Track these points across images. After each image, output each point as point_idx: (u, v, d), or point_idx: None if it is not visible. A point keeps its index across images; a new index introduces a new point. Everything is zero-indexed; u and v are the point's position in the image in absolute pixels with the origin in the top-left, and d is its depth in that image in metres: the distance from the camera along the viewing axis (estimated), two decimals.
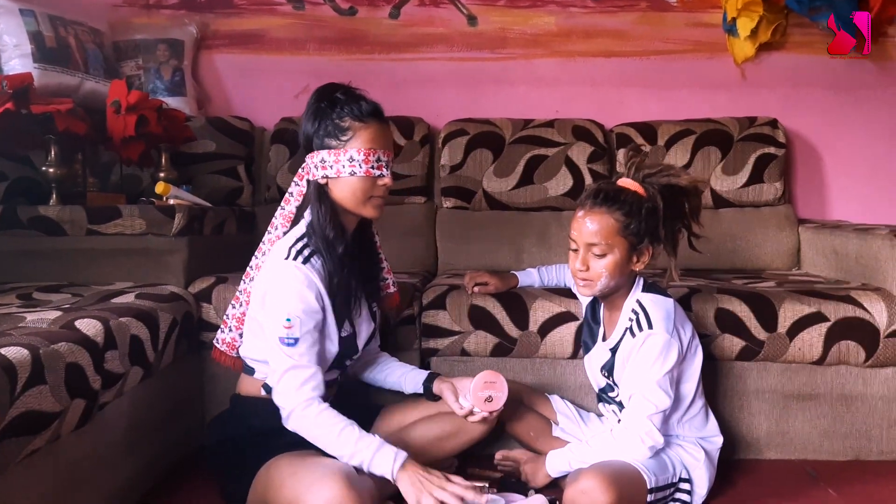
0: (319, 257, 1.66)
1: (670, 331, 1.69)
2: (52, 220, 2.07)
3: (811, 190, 3.14)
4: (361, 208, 1.69)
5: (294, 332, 1.58)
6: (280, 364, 1.59)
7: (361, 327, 1.79)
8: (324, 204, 1.67)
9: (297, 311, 1.59)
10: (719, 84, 3.12)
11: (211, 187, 2.81)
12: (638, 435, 1.67)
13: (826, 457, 2.11)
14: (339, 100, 1.66)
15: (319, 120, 1.66)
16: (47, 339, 1.40)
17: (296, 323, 1.59)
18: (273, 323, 1.60)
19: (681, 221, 1.77)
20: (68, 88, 2.37)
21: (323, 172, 1.66)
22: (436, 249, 2.88)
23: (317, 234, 1.66)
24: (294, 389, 1.58)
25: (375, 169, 1.65)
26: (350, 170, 1.64)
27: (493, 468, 1.96)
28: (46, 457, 1.40)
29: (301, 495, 1.48)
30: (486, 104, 3.12)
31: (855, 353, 2.05)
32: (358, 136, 1.64)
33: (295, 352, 1.59)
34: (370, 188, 1.67)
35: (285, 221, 1.76)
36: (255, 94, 3.15)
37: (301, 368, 1.59)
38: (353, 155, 1.63)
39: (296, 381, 1.58)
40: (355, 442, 1.55)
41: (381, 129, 1.68)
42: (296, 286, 1.61)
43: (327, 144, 1.65)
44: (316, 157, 1.67)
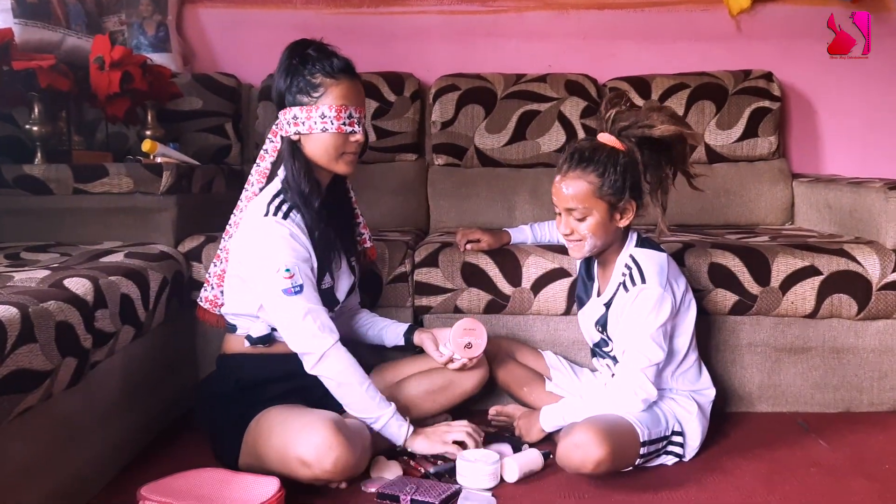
0: (297, 212, 1.66)
1: (663, 285, 1.69)
2: (37, 179, 2.04)
3: (806, 144, 3.12)
4: (334, 164, 1.69)
5: (297, 280, 1.60)
6: (294, 313, 1.60)
7: (341, 280, 1.79)
8: (297, 160, 1.68)
9: (292, 259, 1.61)
10: (714, 36, 3.07)
11: (198, 145, 2.77)
12: (631, 388, 1.68)
13: (817, 409, 2.13)
14: (311, 56, 1.65)
15: (291, 76, 1.65)
16: (36, 297, 1.39)
17: (295, 271, 1.60)
18: (270, 279, 1.60)
19: (670, 168, 1.74)
20: (50, 44, 2.32)
21: (295, 129, 1.66)
22: (427, 207, 2.86)
23: (292, 189, 1.67)
24: (318, 331, 1.60)
25: (347, 125, 1.65)
26: (322, 126, 1.63)
27: (487, 424, 1.97)
28: (39, 415, 1.39)
29: (290, 441, 1.52)
30: (478, 59, 3.07)
31: (847, 306, 2.06)
32: (329, 93, 1.63)
33: (304, 297, 1.60)
34: (342, 144, 1.67)
35: (261, 178, 1.77)
36: (241, 49, 3.09)
37: (317, 311, 1.61)
38: (325, 111, 1.63)
39: (317, 323, 1.61)
40: (373, 399, 1.64)
41: (353, 85, 1.67)
42: (283, 239, 1.61)
43: (299, 101, 1.65)
44: (288, 113, 1.66)
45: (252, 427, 1.63)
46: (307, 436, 1.51)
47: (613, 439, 1.60)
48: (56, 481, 1.46)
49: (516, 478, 1.66)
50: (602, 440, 1.57)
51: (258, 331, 1.72)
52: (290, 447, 1.51)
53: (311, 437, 1.50)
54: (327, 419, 1.53)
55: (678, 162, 1.74)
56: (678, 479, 1.70)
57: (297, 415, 1.59)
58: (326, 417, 1.55)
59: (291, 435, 1.53)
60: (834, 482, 1.68)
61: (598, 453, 1.57)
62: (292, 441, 1.52)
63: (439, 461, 1.75)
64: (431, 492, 1.56)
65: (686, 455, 1.78)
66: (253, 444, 1.62)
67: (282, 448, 1.53)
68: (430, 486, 1.59)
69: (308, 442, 1.50)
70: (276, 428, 1.57)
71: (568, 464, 1.61)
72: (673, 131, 1.68)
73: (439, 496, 1.54)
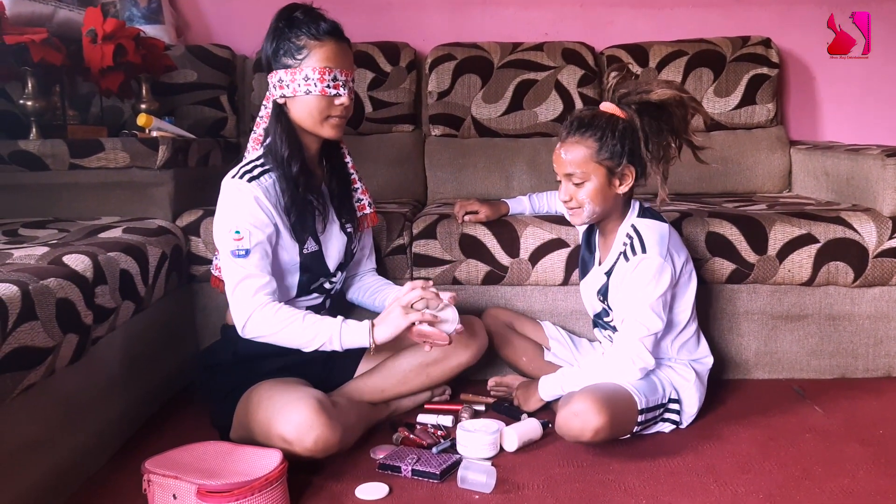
0: (271, 175, 1.66)
1: (664, 255, 1.69)
2: (33, 155, 2.03)
3: (804, 111, 3.10)
4: (319, 128, 1.67)
5: (244, 244, 1.59)
6: (233, 276, 1.60)
7: (330, 245, 1.79)
8: (280, 123, 1.67)
9: (245, 223, 1.60)
10: (712, 2, 3.04)
11: (194, 118, 2.76)
12: (629, 357, 1.69)
13: (813, 375, 2.16)
14: (297, 19, 1.63)
15: (277, 40, 1.64)
16: (36, 274, 1.39)
17: (245, 235, 1.59)
18: (223, 238, 1.61)
19: (672, 137, 1.74)
20: (42, 17, 2.29)
21: (280, 92, 1.65)
22: (425, 178, 2.85)
23: (272, 153, 1.67)
24: (249, 297, 1.60)
25: (331, 88, 1.62)
26: (305, 88, 1.62)
27: (486, 394, 1.99)
28: (43, 391, 1.41)
29: (273, 417, 1.54)
30: (474, 27, 3.04)
31: (844, 273, 2.07)
32: (313, 55, 1.61)
33: (248, 262, 1.60)
34: (326, 108, 1.65)
35: (255, 144, 1.77)
36: (235, 20, 3.05)
37: (254, 277, 1.60)
38: (308, 73, 1.61)
39: (250, 290, 1.60)
40: (319, 323, 1.60)
41: (339, 47, 1.65)
42: (241, 200, 1.61)
43: (284, 64, 1.63)
44: (274, 76, 1.65)
45: (243, 400, 1.65)
46: (288, 414, 1.52)
47: (611, 407, 1.61)
48: (60, 456, 1.48)
49: (516, 447, 1.69)
50: (600, 408, 1.59)
51: None
52: (273, 424, 1.53)
53: (292, 416, 1.51)
54: (310, 398, 1.54)
55: (679, 130, 1.73)
56: (675, 446, 1.72)
57: (283, 391, 1.60)
58: (310, 396, 1.56)
59: (275, 412, 1.54)
60: (829, 447, 1.70)
61: (596, 421, 1.58)
62: (275, 418, 1.53)
63: (439, 431, 1.77)
64: (432, 462, 1.58)
65: (683, 422, 1.80)
66: (242, 417, 1.64)
67: (266, 424, 1.55)
68: (431, 456, 1.61)
69: (289, 420, 1.51)
70: (263, 403, 1.59)
71: (567, 432, 1.63)
72: (670, 95, 1.68)
73: (440, 466, 1.56)
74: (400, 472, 1.57)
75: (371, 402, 1.81)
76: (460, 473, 1.53)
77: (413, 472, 1.56)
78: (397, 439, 1.74)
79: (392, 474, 1.58)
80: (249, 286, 1.60)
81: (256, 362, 1.73)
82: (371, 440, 1.74)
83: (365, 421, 1.76)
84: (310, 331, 1.60)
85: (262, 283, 1.61)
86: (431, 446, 1.69)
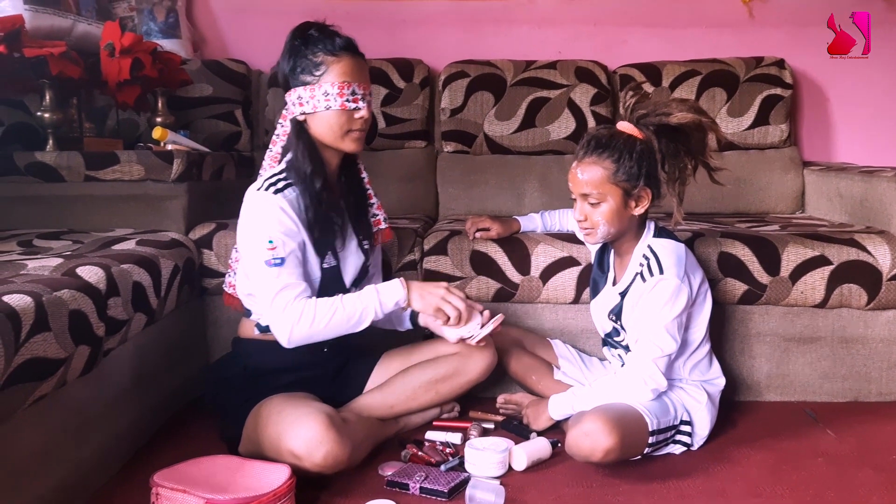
0: (294, 190, 1.67)
1: (681, 276, 1.69)
2: (49, 167, 2.05)
3: (817, 132, 3.10)
4: (340, 142, 1.69)
5: (279, 252, 1.60)
6: (270, 287, 1.61)
7: (348, 261, 1.79)
8: (301, 140, 1.68)
9: (277, 232, 1.61)
10: (726, 23, 3.05)
11: (208, 132, 2.78)
12: (642, 377, 1.68)
13: (826, 398, 2.13)
14: (313, 36, 1.66)
15: (294, 57, 1.66)
16: (50, 286, 1.40)
17: (278, 244, 1.61)
18: (255, 250, 1.62)
19: (689, 159, 1.74)
20: (60, 31, 2.31)
21: (300, 109, 1.66)
22: (436, 194, 2.86)
23: (295, 169, 1.68)
24: (290, 304, 1.60)
25: (350, 102, 1.65)
26: (325, 104, 1.64)
27: (495, 412, 1.98)
28: (54, 402, 1.41)
29: (283, 432, 1.53)
30: (487, 45, 3.06)
31: (857, 295, 2.05)
32: (331, 70, 1.64)
33: (283, 271, 1.60)
34: (346, 122, 1.67)
35: (272, 162, 1.79)
36: (251, 35, 3.08)
37: (292, 286, 1.61)
38: (328, 89, 1.63)
39: (289, 298, 1.60)
40: (358, 298, 1.65)
41: (356, 62, 1.67)
42: (270, 210, 1.62)
43: (302, 81, 1.65)
44: (293, 94, 1.67)
45: (252, 414, 1.65)
46: (298, 429, 1.52)
47: (622, 428, 1.60)
48: (70, 467, 1.48)
49: (525, 466, 1.67)
50: (611, 429, 1.58)
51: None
52: (282, 439, 1.53)
53: (302, 431, 1.51)
54: (320, 413, 1.54)
55: (697, 152, 1.73)
56: (686, 468, 1.71)
57: (293, 407, 1.59)
58: (320, 411, 1.56)
59: (285, 427, 1.54)
60: (841, 472, 1.68)
61: (607, 442, 1.57)
62: (285, 433, 1.53)
63: (447, 448, 1.77)
64: (440, 480, 1.57)
65: (694, 444, 1.79)
66: (252, 431, 1.64)
67: (276, 439, 1.55)
68: (439, 474, 1.61)
69: (299, 435, 1.51)
70: (273, 417, 1.59)
71: (577, 452, 1.62)
72: (690, 119, 1.68)
73: (448, 484, 1.55)
74: (408, 489, 1.57)
75: (380, 418, 1.81)
76: (468, 492, 1.52)
77: (421, 489, 1.55)
78: (405, 456, 1.73)
79: (400, 491, 1.57)
80: (288, 295, 1.60)
81: (267, 377, 1.73)
82: (379, 457, 1.73)
83: (374, 437, 1.75)
84: (354, 314, 1.63)
85: (300, 291, 1.62)
86: (440, 464, 1.68)
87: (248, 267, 1.67)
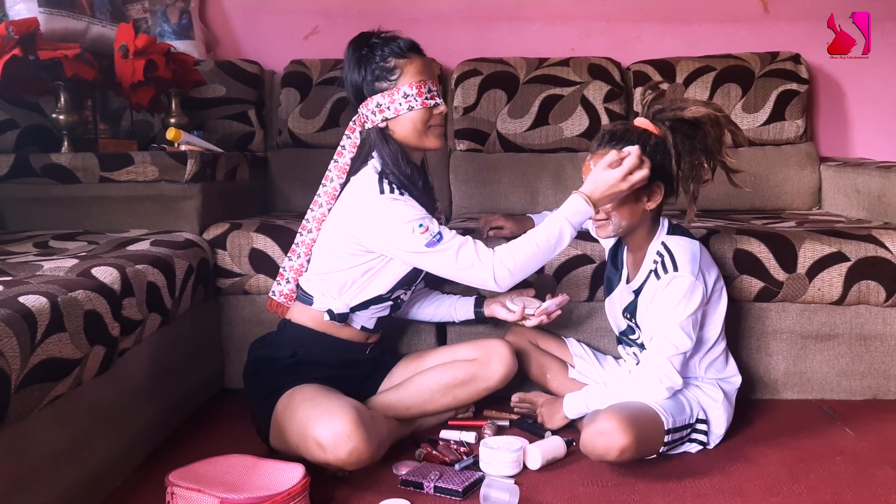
0: (404, 191, 1.69)
1: (695, 273, 1.67)
2: (64, 168, 2.06)
3: (834, 127, 3.07)
4: (424, 140, 1.72)
5: (433, 229, 1.63)
6: (448, 257, 1.63)
7: None
8: (391, 146, 1.71)
9: (421, 216, 1.64)
10: (740, 17, 3.02)
11: (222, 132, 2.79)
12: (657, 375, 1.67)
13: (843, 396, 2.11)
14: (377, 43, 1.69)
15: (364, 67, 1.68)
16: (65, 287, 1.41)
17: (426, 224, 1.63)
18: (409, 241, 1.63)
19: (705, 156, 1.73)
20: (75, 33, 2.33)
21: (382, 116, 1.69)
22: (450, 193, 2.85)
23: (394, 174, 1.70)
24: (478, 260, 1.63)
25: (430, 99, 1.69)
26: (407, 105, 1.67)
27: (510, 410, 1.97)
28: (70, 402, 1.42)
29: (313, 420, 1.54)
30: (500, 43, 3.05)
31: (875, 292, 2.03)
32: (406, 73, 1.68)
33: (446, 239, 1.63)
34: (429, 118, 1.71)
35: (341, 174, 1.80)
36: (263, 35, 3.09)
37: (465, 245, 1.64)
38: (407, 91, 1.67)
39: (472, 254, 1.63)
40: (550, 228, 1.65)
41: (424, 61, 1.72)
42: (402, 204, 1.65)
43: (379, 88, 1.68)
44: (371, 103, 1.69)
45: (285, 396, 1.66)
46: (329, 421, 1.52)
47: (638, 427, 1.59)
48: (86, 467, 1.49)
49: (539, 465, 1.67)
50: (626, 428, 1.57)
51: (339, 307, 1.75)
52: (311, 427, 1.54)
53: (332, 423, 1.52)
54: (352, 408, 1.55)
55: (713, 150, 1.72)
56: (702, 467, 1.69)
57: (326, 397, 1.61)
58: (352, 406, 1.56)
59: (315, 415, 1.55)
60: (860, 471, 1.67)
61: (622, 441, 1.56)
62: (314, 421, 1.54)
63: (462, 447, 1.76)
64: (455, 479, 1.57)
65: (711, 443, 1.77)
66: (281, 414, 1.65)
67: (304, 425, 1.55)
68: (454, 473, 1.60)
69: (328, 427, 1.52)
70: (305, 403, 1.60)
71: (592, 451, 1.61)
72: (704, 112, 1.68)
73: (462, 483, 1.55)
74: (422, 488, 1.56)
75: (396, 417, 1.81)
76: (483, 491, 1.51)
77: (435, 488, 1.55)
78: (420, 455, 1.73)
79: (414, 491, 1.57)
80: (468, 253, 1.63)
81: (311, 367, 1.75)
82: (394, 456, 1.73)
83: (393, 436, 1.76)
84: (550, 248, 1.65)
85: (473, 243, 1.65)
86: (454, 463, 1.68)
87: (415, 262, 1.68)
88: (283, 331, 1.83)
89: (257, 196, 2.74)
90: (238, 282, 2.12)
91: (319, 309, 1.76)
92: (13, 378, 1.19)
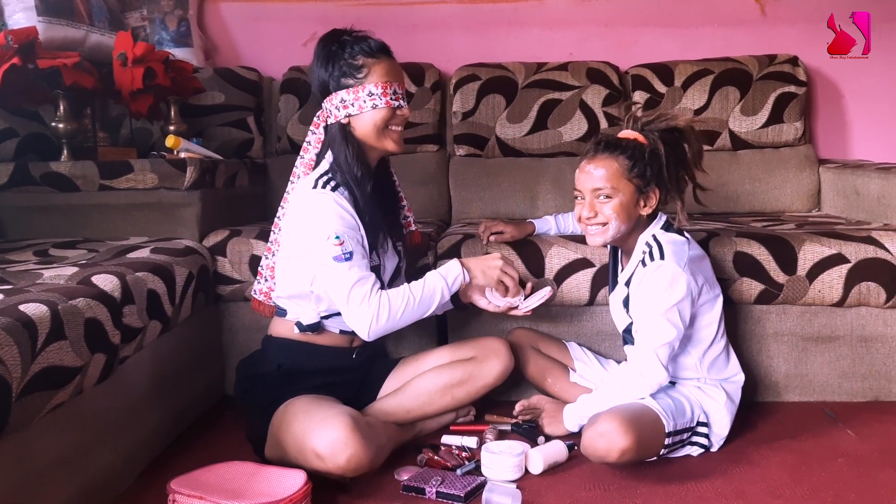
0: (345, 191, 1.69)
1: (682, 265, 1.68)
2: (64, 176, 2.06)
3: (832, 129, 3.07)
4: (383, 141, 1.73)
5: (346, 247, 1.62)
6: (343, 282, 1.62)
7: (387, 262, 1.81)
8: (349, 143, 1.71)
9: (341, 228, 1.64)
10: (738, 21, 3.03)
11: (221, 139, 2.79)
12: (638, 370, 1.68)
13: (845, 398, 2.11)
14: (348, 41, 1.70)
15: (332, 63, 1.69)
16: (65, 295, 1.41)
17: (344, 238, 1.63)
18: (321, 247, 1.63)
19: (683, 169, 1.77)
20: (74, 41, 2.34)
21: (345, 112, 1.69)
22: (449, 198, 2.85)
23: (344, 172, 1.70)
24: (367, 299, 1.62)
25: (394, 100, 1.70)
26: (371, 103, 1.68)
27: (511, 415, 1.97)
28: (71, 411, 1.42)
29: (309, 431, 1.54)
30: (498, 48, 3.06)
31: (875, 294, 2.03)
32: (373, 72, 1.69)
33: (353, 264, 1.62)
34: (391, 118, 1.71)
35: (307, 169, 1.80)
36: (262, 43, 3.10)
37: (364, 280, 1.63)
38: (372, 89, 1.67)
39: (365, 292, 1.62)
40: (424, 284, 1.68)
41: (392, 63, 1.73)
42: (332, 208, 1.65)
43: (344, 84, 1.69)
44: (335, 98, 1.70)
45: (279, 412, 1.66)
46: (324, 430, 1.52)
47: (638, 428, 1.59)
48: (87, 475, 1.49)
49: (541, 469, 1.67)
50: (627, 429, 1.57)
51: (308, 318, 1.75)
52: (307, 438, 1.53)
53: (327, 432, 1.52)
54: (346, 416, 1.55)
55: (695, 158, 1.76)
56: (704, 470, 1.69)
57: (320, 407, 1.61)
58: (346, 414, 1.56)
59: (310, 426, 1.55)
60: (862, 473, 1.66)
61: (622, 442, 1.57)
62: (310, 433, 1.54)
63: (463, 452, 1.76)
64: (456, 484, 1.56)
65: (713, 445, 1.77)
66: (277, 429, 1.64)
67: (300, 437, 1.55)
68: (456, 478, 1.60)
69: (324, 436, 1.52)
70: (300, 416, 1.60)
71: (592, 453, 1.61)
72: (694, 119, 1.77)
73: (464, 488, 1.55)
74: (424, 493, 1.56)
75: (396, 422, 1.81)
76: (485, 496, 1.51)
77: (437, 494, 1.55)
78: (422, 460, 1.73)
79: (416, 496, 1.57)
80: (363, 289, 1.62)
81: (298, 378, 1.75)
82: (395, 461, 1.73)
83: (393, 442, 1.75)
84: (425, 299, 1.67)
85: (373, 283, 1.64)
86: (456, 468, 1.68)
87: (313, 266, 1.67)
88: (267, 346, 1.84)
89: (257, 203, 2.74)
90: (238, 288, 2.13)
91: (292, 320, 1.77)
92: (14, 386, 1.19)
